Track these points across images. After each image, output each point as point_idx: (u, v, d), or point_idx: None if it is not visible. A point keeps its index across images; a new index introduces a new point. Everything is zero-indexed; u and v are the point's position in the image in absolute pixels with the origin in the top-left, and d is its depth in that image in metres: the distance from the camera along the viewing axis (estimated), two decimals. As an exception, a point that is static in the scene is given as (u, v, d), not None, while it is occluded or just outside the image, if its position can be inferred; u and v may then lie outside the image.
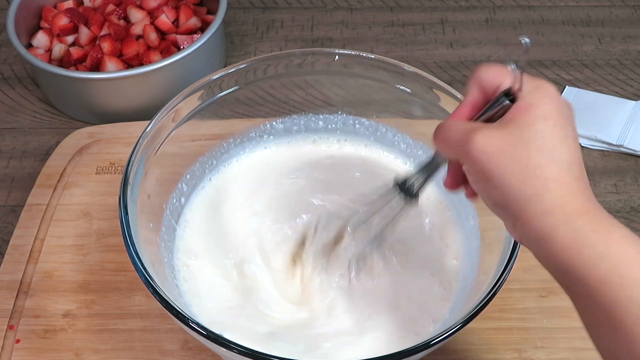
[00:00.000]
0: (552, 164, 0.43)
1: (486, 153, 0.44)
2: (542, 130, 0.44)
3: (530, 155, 0.44)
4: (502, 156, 0.44)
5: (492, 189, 0.45)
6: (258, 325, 0.62)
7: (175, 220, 0.69)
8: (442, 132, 0.49)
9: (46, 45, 0.94)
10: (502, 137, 0.45)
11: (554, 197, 0.43)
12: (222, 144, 0.74)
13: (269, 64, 0.71)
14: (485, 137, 0.45)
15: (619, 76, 0.98)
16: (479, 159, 0.45)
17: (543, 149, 0.44)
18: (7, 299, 0.70)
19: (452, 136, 0.48)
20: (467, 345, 0.66)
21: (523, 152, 0.44)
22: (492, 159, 0.44)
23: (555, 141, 0.44)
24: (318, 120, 0.76)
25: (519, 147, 0.44)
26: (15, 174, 0.86)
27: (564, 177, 0.44)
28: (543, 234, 0.43)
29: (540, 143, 0.44)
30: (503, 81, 0.47)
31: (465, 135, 0.46)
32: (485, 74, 0.49)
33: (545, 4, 1.10)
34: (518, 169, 0.44)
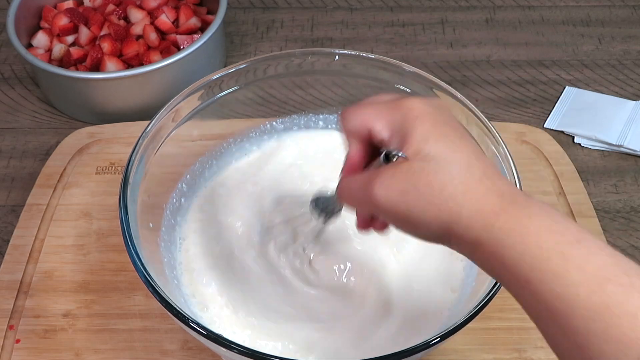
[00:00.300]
0: (453, 179, 0.43)
1: (392, 198, 0.44)
2: (429, 151, 0.44)
3: (431, 182, 0.43)
4: (407, 195, 0.44)
5: (413, 229, 0.45)
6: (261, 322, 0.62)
7: (175, 220, 0.69)
8: (343, 193, 0.49)
9: (46, 45, 0.94)
10: (397, 178, 0.44)
11: (469, 209, 0.43)
12: (222, 144, 0.74)
13: (269, 64, 0.71)
14: (382, 185, 0.45)
15: (619, 76, 0.98)
16: (387, 206, 0.44)
17: (437, 170, 0.43)
18: (7, 299, 0.70)
19: (354, 194, 0.47)
20: (467, 345, 0.66)
21: (423, 182, 0.43)
22: (400, 202, 0.44)
23: (445, 154, 0.44)
24: (318, 120, 0.76)
25: (418, 179, 0.43)
26: (15, 174, 0.86)
27: (470, 184, 0.43)
28: (472, 245, 0.43)
29: (433, 165, 0.44)
30: (372, 125, 0.47)
31: (365, 191, 0.45)
32: (352, 124, 0.48)
33: (545, 4, 1.10)
34: (427, 200, 0.43)
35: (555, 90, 0.96)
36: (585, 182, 0.82)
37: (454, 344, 0.66)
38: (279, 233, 0.67)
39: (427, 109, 0.46)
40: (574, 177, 0.80)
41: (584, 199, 0.78)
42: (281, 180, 0.73)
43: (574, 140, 0.89)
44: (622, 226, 0.80)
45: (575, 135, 0.89)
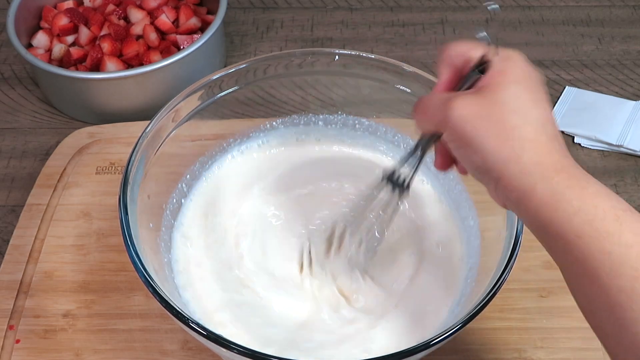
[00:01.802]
0: (527, 125, 0.45)
1: (463, 118, 0.46)
2: (515, 93, 0.46)
3: (505, 118, 0.45)
4: (479, 120, 0.46)
5: (472, 154, 0.46)
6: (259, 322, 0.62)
7: (175, 220, 0.69)
8: (421, 105, 0.51)
9: (46, 45, 0.94)
10: (477, 102, 0.46)
11: (531, 157, 0.44)
12: (222, 144, 0.74)
13: (269, 64, 0.71)
14: (461, 103, 0.47)
15: (619, 76, 0.98)
16: (457, 124, 0.46)
17: (517, 111, 0.45)
18: (7, 299, 0.70)
19: (430, 106, 0.50)
20: (467, 345, 0.66)
21: (498, 114, 0.45)
22: (470, 123, 0.46)
23: (528, 103, 0.46)
24: (318, 120, 0.76)
25: (494, 110, 0.46)
26: (15, 174, 0.86)
27: (540, 137, 0.45)
28: (523, 192, 0.45)
29: (514, 105, 0.45)
30: (472, 55, 0.49)
31: (443, 104, 0.47)
32: (454, 52, 0.51)
33: (545, 4, 1.10)
34: (495, 131, 0.45)
35: (555, 90, 0.96)
36: (585, 182, 0.82)
37: (454, 344, 0.66)
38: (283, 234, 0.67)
39: (527, 66, 0.48)
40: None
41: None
42: (282, 180, 0.73)
43: (574, 141, 0.89)
44: (622, 226, 0.80)
45: (575, 135, 0.89)
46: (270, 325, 0.62)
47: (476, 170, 0.48)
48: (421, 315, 0.62)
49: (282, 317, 0.62)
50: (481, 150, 0.46)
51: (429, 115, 0.50)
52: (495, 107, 0.46)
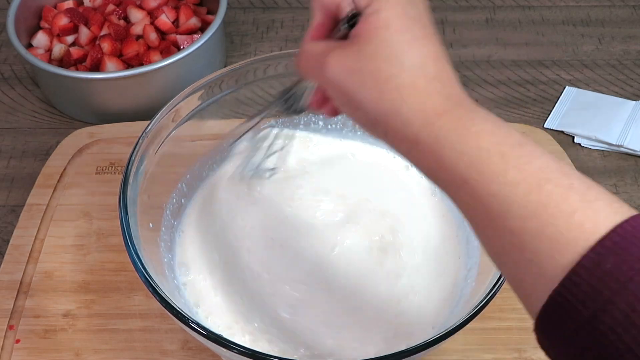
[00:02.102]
0: (402, 72, 0.42)
1: (339, 74, 0.44)
2: (386, 39, 0.43)
3: (380, 68, 0.42)
4: (354, 75, 0.43)
5: (354, 110, 0.45)
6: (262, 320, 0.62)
7: (175, 220, 0.69)
8: (300, 60, 0.48)
9: (46, 45, 0.94)
10: (351, 56, 0.44)
11: (411, 105, 0.42)
12: (222, 144, 0.74)
13: (269, 64, 0.71)
14: (335, 59, 0.44)
15: (619, 76, 0.98)
16: (335, 80, 0.44)
17: (391, 58, 0.42)
18: (7, 299, 0.70)
19: (308, 61, 0.47)
20: (467, 345, 0.66)
21: (372, 66, 0.43)
22: (347, 79, 0.44)
23: (402, 47, 0.43)
24: (318, 121, 0.76)
25: (368, 62, 0.43)
26: (15, 174, 0.86)
27: (418, 82, 0.42)
28: (409, 143, 0.42)
29: (387, 52, 0.42)
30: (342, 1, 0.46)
31: (319, 60, 0.45)
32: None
33: (545, 4, 1.10)
34: (372, 84, 0.43)
35: (555, 90, 0.96)
36: (585, 182, 0.82)
37: (454, 344, 0.66)
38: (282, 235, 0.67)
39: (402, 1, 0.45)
40: (574, 177, 0.80)
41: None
42: (282, 180, 0.73)
43: (574, 140, 0.89)
44: (622, 226, 0.80)
45: (575, 135, 0.89)
46: (273, 325, 0.62)
47: (363, 125, 0.46)
48: (421, 315, 0.62)
49: (287, 315, 0.62)
50: (362, 106, 0.43)
51: (309, 73, 0.48)
52: (367, 59, 0.43)
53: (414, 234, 0.68)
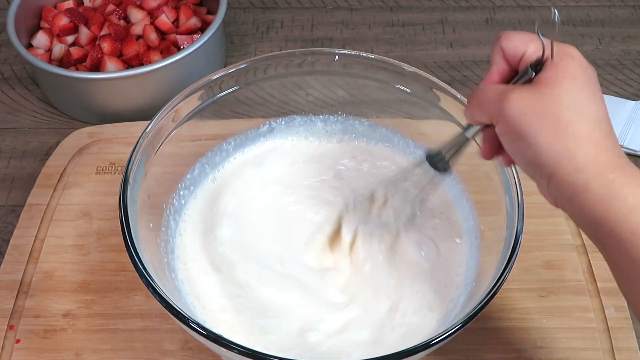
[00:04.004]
0: (582, 122, 0.45)
1: (519, 111, 0.46)
2: (571, 89, 0.46)
3: (561, 114, 0.45)
4: (534, 115, 0.46)
5: (525, 148, 0.46)
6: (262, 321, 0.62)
7: (175, 220, 0.69)
8: (476, 95, 0.51)
9: (46, 45, 0.94)
10: (533, 97, 0.46)
11: (586, 154, 0.45)
12: (222, 144, 0.74)
13: (269, 64, 0.71)
14: (518, 96, 0.46)
15: (619, 76, 0.98)
16: (512, 117, 0.46)
17: (573, 107, 0.45)
18: (7, 299, 0.70)
19: (486, 97, 0.49)
20: (467, 345, 0.66)
21: (554, 110, 0.45)
22: (525, 117, 0.46)
23: (584, 99, 0.46)
24: (318, 121, 0.76)
25: (550, 105, 0.45)
26: (15, 174, 0.86)
27: (594, 134, 0.45)
28: (576, 189, 0.45)
29: (570, 101, 0.45)
30: (527, 49, 0.49)
31: (499, 96, 0.47)
32: (509, 43, 0.50)
33: (545, 4, 1.10)
34: (550, 126, 0.45)
35: (555, 90, 0.96)
36: (585, 182, 0.82)
37: (454, 344, 0.66)
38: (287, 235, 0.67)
39: (583, 61, 0.48)
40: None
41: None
42: (282, 180, 0.73)
43: (574, 140, 0.89)
44: (622, 226, 0.80)
45: (575, 135, 0.89)
46: (274, 325, 0.62)
47: (528, 164, 0.48)
48: (421, 315, 0.62)
49: (287, 315, 0.62)
50: (535, 144, 0.46)
51: (484, 107, 0.50)
52: (550, 103, 0.45)
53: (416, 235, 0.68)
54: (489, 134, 0.53)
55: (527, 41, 0.50)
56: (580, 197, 0.44)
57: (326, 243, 0.67)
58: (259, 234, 0.68)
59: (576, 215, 0.46)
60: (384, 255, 0.66)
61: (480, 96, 0.50)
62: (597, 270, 0.71)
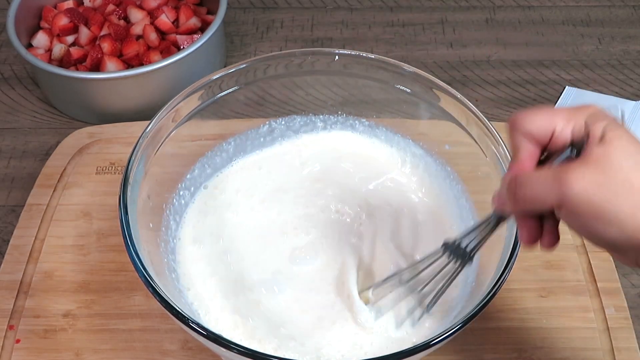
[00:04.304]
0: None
1: (587, 191, 0.43)
2: (625, 150, 0.43)
3: (630, 179, 0.43)
4: (603, 187, 0.43)
5: (606, 226, 0.43)
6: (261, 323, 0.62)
7: (175, 221, 0.69)
8: (523, 188, 0.47)
9: (46, 45, 0.94)
10: (594, 171, 0.43)
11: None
12: (222, 144, 0.74)
13: (269, 64, 0.71)
14: (579, 176, 0.43)
15: (619, 76, 0.98)
16: (581, 196, 0.43)
17: (637, 167, 0.43)
18: (7, 299, 0.70)
19: (539, 187, 0.45)
20: (467, 345, 0.66)
21: (622, 176, 0.43)
22: (596, 196, 0.43)
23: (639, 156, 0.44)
24: (318, 121, 0.76)
25: (616, 173, 0.43)
26: (15, 174, 0.86)
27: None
28: None
29: (632, 163, 0.43)
30: (555, 126, 0.47)
31: (555, 180, 0.44)
32: (534, 125, 0.47)
33: (545, 4, 1.10)
34: (626, 194, 0.42)
35: (555, 90, 0.96)
36: (585, 182, 0.82)
37: (454, 344, 0.66)
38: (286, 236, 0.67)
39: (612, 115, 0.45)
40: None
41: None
42: (282, 180, 0.73)
43: (574, 140, 0.89)
44: (622, 226, 0.80)
45: (575, 135, 0.89)
46: (275, 325, 0.62)
47: (611, 242, 0.44)
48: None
49: (287, 314, 0.62)
50: (616, 219, 0.42)
51: (539, 198, 0.45)
52: (615, 170, 0.43)
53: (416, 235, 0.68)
54: (525, 221, 0.49)
55: (552, 117, 0.47)
56: None
57: None
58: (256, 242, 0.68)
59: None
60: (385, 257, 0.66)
61: (529, 187, 0.46)
62: (597, 270, 0.71)
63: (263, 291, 0.64)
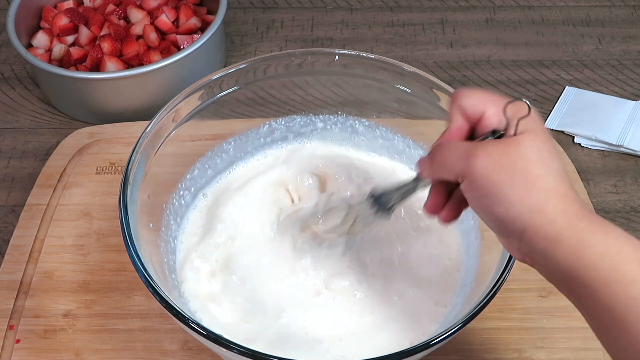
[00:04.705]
0: (549, 176, 0.46)
1: (487, 168, 0.46)
2: (536, 145, 0.47)
3: (530, 168, 0.46)
4: (502, 170, 0.46)
5: (495, 204, 0.47)
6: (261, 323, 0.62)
7: (175, 220, 0.69)
8: (440, 153, 0.50)
9: (46, 45, 0.94)
10: (501, 153, 0.47)
11: (556, 206, 0.45)
12: (222, 144, 0.74)
13: (269, 64, 0.71)
14: (486, 153, 0.47)
15: (619, 76, 0.98)
16: (481, 174, 0.46)
17: (540, 162, 0.46)
18: (7, 299, 0.70)
19: (451, 155, 0.49)
20: (467, 345, 0.66)
21: (523, 165, 0.46)
22: (494, 173, 0.46)
23: (548, 154, 0.47)
24: (318, 121, 0.76)
25: (519, 160, 0.46)
26: (15, 174, 0.86)
27: (561, 187, 0.46)
28: (549, 242, 0.45)
29: (537, 157, 0.46)
30: (486, 110, 0.50)
31: (466, 153, 0.48)
32: (468, 102, 0.51)
33: (545, 4, 1.10)
34: (521, 181, 0.46)
35: (555, 90, 0.96)
36: (585, 182, 0.82)
37: (454, 344, 0.66)
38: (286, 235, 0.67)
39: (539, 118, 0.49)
40: (573, 177, 0.80)
41: (584, 198, 0.78)
42: (281, 181, 0.73)
43: (574, 140, 0.89)
44: (622, 226, 0.79)
45: (575, 135, 0.89)
46: (276, 325, 0.62)
47: (498, 220, 0.47)
48: (421, 315, 0.62)
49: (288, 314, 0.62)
50: (506, 200, 0.46)
51: (449, 165, 0.49)
52: (518, 158, 0.46)
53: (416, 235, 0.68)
54: (438, 189, 0.53)
55: (485, 101, 0.50)
56: (553, 250, 0.45)
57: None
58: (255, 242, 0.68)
59: (549, 269, 0.46)
60: (385, 257, 0.66)
61: (444, 153, 0.50)
62: (597, 270, 0.71)
63: (266, 290, 0.64)
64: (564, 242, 0.44)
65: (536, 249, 0.46)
